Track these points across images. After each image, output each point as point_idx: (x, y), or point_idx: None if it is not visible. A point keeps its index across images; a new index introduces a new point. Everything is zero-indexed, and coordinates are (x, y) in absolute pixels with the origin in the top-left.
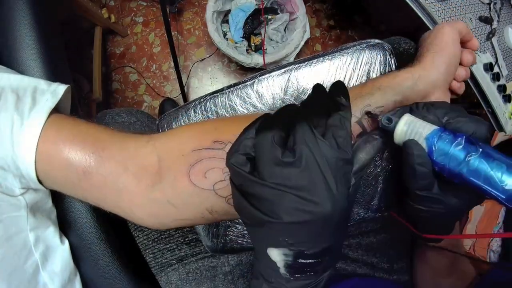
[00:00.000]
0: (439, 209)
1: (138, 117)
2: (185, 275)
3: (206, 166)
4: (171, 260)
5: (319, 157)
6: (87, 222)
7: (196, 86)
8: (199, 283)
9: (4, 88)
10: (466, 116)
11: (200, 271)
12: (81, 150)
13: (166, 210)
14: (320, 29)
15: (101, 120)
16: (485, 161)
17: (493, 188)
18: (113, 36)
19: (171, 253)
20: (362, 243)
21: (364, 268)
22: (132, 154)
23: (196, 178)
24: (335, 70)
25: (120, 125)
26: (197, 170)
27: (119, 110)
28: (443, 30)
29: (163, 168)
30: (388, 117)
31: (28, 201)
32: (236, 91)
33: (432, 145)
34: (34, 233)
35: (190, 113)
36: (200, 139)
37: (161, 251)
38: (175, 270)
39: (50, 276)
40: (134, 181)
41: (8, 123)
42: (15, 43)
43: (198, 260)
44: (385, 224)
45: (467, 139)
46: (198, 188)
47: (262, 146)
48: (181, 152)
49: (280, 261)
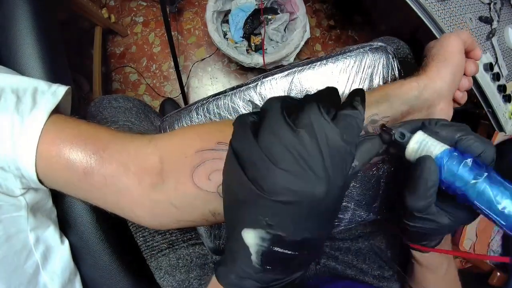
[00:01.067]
0: (431, 226)
1: (135, 104)
2: (175, 261)
3: (210, 167)
4: (161, 244)
5: (321, 137)
6: (87, 222)
7: (196, 86)
8: (189, 270)
9: (4, 89)
10: (476, 136)
11: (190, 257)
12: (82, 150)
13: (168, 212)
14: (320, 29)
15: (99, 104)
16: (490, 186)
17: (494, 213)
18: (113, 36)
19: (162, 236)
20: (351, 248)
21: (354, 270)
22: (133, 155)
23: (199, 180)
24: (338, 73)
25: (116, 110)
26: (201, 172)
27: (117, 95)
28: (449, 40)
29: (165, 169)
30: (401, 132)
31: (28, 201)
32: (239, 93)
33: (442, 165)
34: (34, 233)
35: (193, 115)
36: (203, 140)
37: (152, 234)
38: (166, 256)
39: (50, 276)
40: (135, 181)
41: (8, 124)
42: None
43: (189, 246)
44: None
45: (475, 162)
46: (202, 191)
47: (269, 111)
48: (183, 153)
49: (253, 245)
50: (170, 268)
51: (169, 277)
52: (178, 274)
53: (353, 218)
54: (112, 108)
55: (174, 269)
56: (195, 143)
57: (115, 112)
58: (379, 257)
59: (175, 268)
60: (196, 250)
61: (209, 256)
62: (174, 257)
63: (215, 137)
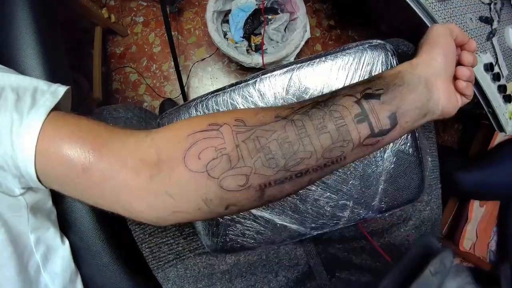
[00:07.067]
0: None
1: (135, 113)
2: (183, 271)
3: (200, 147)
4: (168, 254)
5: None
6: (87, 222)
7: (196, 86)
8: (197, 280)
9: (4, 88)
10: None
11: (198, 267)
12: (81, 147)
13: (164, 202)
14: (320, 29)
15: (99, 116)
16: None
17: None
18: (113, 36)
19: (168, 247)
20: (366, 247)
21: (368, 276)
22: (131, 149)
23: (190, 162)
24: (337, 70)
25: (117, 120)
26: (192, 154)
27: (116, 106)
28: (432, 27)
29: (161, 159)
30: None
31: (28, 202)
32: (238, 90)
33: None
34: (35, 233)
35: (192, 111)
36: (194, 124)
37: (158, 245)
38: (173, 266)
39: (51, 276)
40: (133, 175)
41: (8, 122)
42: (15, 42)
43: (196, 256)
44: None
45: None
46: (193, 173)
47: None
48: (177, 140)
49: None
50: (178, 279)
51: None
52: (186, 284)
53: (352, 216)
54: (113, 119)
55: (182, 280)
56: (187, 128)
57: (116, 122)
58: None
59: (183, 279)
60: (203, 260)
61: (216, 266)
62: (182, 267)
63: (207, 120)
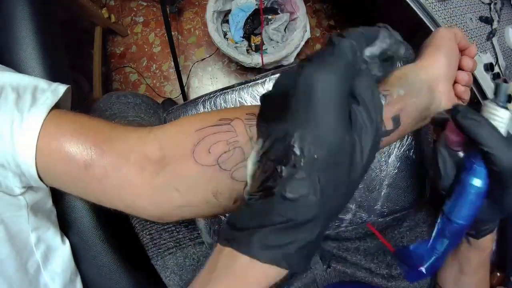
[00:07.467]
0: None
1: (144, 100)
2: (182, 260)
3: (210, 142)
4: (168, 242)
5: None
6: (87, 222)
7: (196, 86)
8: (196, 269)
9: (5, 86)
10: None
11: (197, 256)
12: (83, 143)
13: (169, 196)
14: (320, 29)
15: (106, 100)
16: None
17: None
18: (113, 36)
19: (169, 234)
20: (360, 248)
21: (363, 271)
22: (134, 145)
23: (199, 156)
24: None
25: (126, 105)
26: (201, 148)
27: (125, 92)
28: (438, 30)
29: (166, 155)
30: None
31: (28, 201)
32: (247, 88)
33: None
34: (36, 233)
35: (199, 108)
36: (204, 119)
37: (159, 232)
38: (172, 254)
39: (51, 276)
40: (136, 171)
41: (8, 121)
42: (15, 42)
43: (196, 245)
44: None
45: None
46: (202, 167)
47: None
48: (184, 134)
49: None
50: (176, 267)
51: (176, 276)
52: (185, 273)
53: (354, 219)
54: (122, 104)
55: (181, 268)
56: (195, 123)
57: (125, 107)
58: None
59: (182, 267)
60: (203, 249)
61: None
62: (181, 256)
63: (217, 115)
